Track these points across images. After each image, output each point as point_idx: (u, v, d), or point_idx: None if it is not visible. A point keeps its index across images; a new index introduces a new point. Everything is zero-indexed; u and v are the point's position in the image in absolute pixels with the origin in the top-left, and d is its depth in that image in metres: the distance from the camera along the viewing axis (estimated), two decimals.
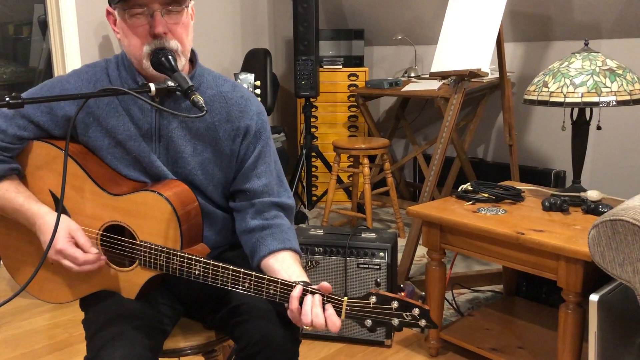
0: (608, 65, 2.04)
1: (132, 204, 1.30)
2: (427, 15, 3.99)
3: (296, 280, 1.25)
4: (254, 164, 1.41)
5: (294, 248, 1.37)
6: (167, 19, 1.28)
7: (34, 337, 2.49)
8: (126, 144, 1.35)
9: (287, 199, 1.44)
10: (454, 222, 2.06)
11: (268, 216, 1.39)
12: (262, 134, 1.42)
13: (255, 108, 1.43)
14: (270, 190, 1.41)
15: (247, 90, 1.46)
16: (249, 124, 1.40)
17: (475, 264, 3.09)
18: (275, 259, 1.33)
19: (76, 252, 1.26)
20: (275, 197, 1.41)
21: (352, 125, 4.29)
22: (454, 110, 2.77)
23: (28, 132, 1.35)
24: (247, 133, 1.40)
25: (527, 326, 2.32)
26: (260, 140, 1.42)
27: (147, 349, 1.21)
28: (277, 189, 1.43)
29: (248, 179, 1.41)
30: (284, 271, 1.29)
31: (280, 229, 1.38)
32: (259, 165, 1.41)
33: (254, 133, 1.41)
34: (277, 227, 1.38)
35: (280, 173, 1.46)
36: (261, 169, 1.41)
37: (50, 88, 1.37)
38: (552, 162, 3.63)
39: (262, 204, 1.40)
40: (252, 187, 1.40)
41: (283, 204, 1.42)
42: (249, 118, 1.40)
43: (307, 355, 2.30)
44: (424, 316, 1.13)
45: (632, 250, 1.38)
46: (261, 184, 1.40)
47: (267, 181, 1.41)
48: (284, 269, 1.30)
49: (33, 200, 1.33)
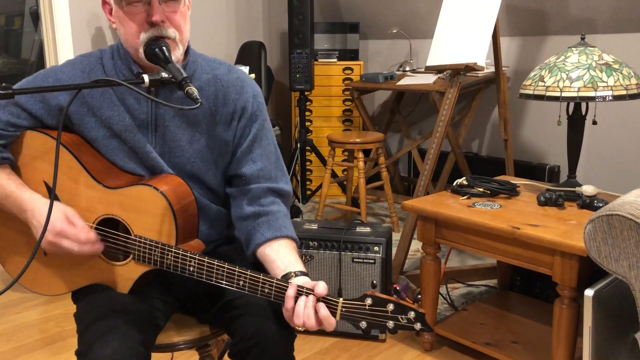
0: (604, 60, 2.03)
1: (127, 198, 1.28)
2: (422, 8, 3.97)
3: (292, 270, 1.24)
4: (250, 147, 1.38)
5: (290, 235, 1.35)
6: (165, 7, 1.27)
7: (25, 331, 2.47)
8: (122, 134, 1.33)
9: (284, 185, 1.41)
10: (449, 216, 2.05)
11: (264, 202, 1.37)
12: (258, 117, 1.40)
13: (252, 90, 1.40)
14: (266, 175, 1.39)
15: (243, 72, 1.44)
16: (245, 104, 1.38)
17: (470, 258, 3.09)
18: (271, 248, 1.31)
19: (77, 230, 1.24)
20: (272, 182, 1.39)
21: (346, 119, 4.28)
22: (449, 105, 2.76)
23: (21, 119, 1.33)
24: (243, 114, 1.38)
25: (521, 321, 2.33)
26: (256, 122, 1.39)
27: (139, 344, 1.20)
28: (275, 173, 1.40)
29: (243, 163, 1.38)
30: (279, 260, 1.28)
31: (276, 216, 1.36)
32: (255, 148, 1.39)
33: (249, 115, 1.38)
34: (272, 214, 1.36)
35: (278, 157, 1.43)
36: (257, 152, 1.39)
37: (43, 77, 1.35)
38: (547, 157, 3.63)
39: (258, 190, 1.37)
40: (247, 171, 1.38)
41: (280, 190, 1.40)
42: (244, 99, 1.38)
43: (301, 349, 2.29)
44: (420, 319, 1.12)
45: (627, 245, 1.37)
46: (256, 168, 1.38)
47: (262, 165, 1.39)
48: (279, 258, 1.28)
49: (25, 188, 1.32)
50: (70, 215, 1.27)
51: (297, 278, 1.23)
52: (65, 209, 1.27)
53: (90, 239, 1.26)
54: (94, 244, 1.27)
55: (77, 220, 1.27)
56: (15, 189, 1.31)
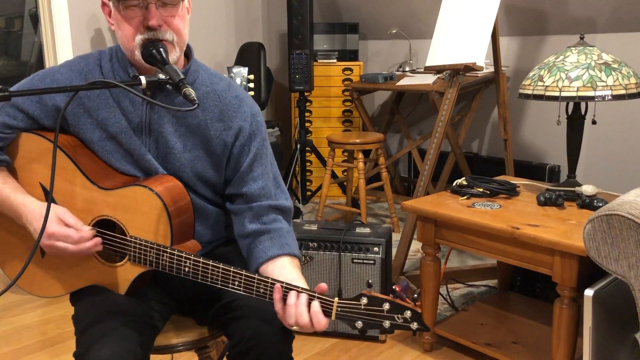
0: (604, 59, 2.03)
1: (122, 199, 1.28)
2: (422, 9, 3.97)
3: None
4: (250, 166, 1.39)
5: (293, 253, 1.35)
6: (162, 12, 1.26)
7: (25, 333, 2.47)
8: (117, 137, 1.33)
9: (285, 201, 1.42)
10: (449, 216, 2.05)
11: (266, 220, 1.37)
12: (256, 136, 1.40)
13: (250, 109, 1.40)
14: (267, 193, 1.39)
15: (242, 90, 1.43)
16: (242, 125, 1.38)
17: (470, 258, 3.09)
18: (274, 265, 1.32)
19: (69, 230, 1.24)
20: (273, 200, 1.39)
21: (346, 119, 4.27)
22: (448, 105, 2.75)
23: (18, 121, 1.33)
24: (240, 135, 1.38)
25: (521, 321, 2.32)
26: (254, 141, 1.39)
27: (137, 345, 1.20)
28: (274, 191, 1.41)
29: (244, 183, 1.39)
30: (282, 278, 1.27)
31: (279, 234, 1.36)
32: (255, 168, 1.39)
33: (247, 135, 1.38)
34: (275, 231, 1.36)
35: (276, 175, 1.44)
36: (257, 171, 1.39)
37: (41, 78, 1.35)
38: (547, 157, 3.62)
39: (260, 208, 1.38)
40: (249, 190, 1.38)
41: (281, 207, 1.40)
42: (242, 119, 1.38)
43: (301, 350, 2.29)
44: (416, 319, 1.12)
45: (627, 245, 1.37)
46: (258, 187, 1.38)
47: (263, 184, 1.39)
48: (282, 276, 1.28)
49: (20, 192, 1.32)
50: (61, 215, 1.26)
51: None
52: (56, 209, 1.26)
53: (84, 236, 1.25)
54: (89, 240, 1.25)
55: (69, 218, 1.26)
56: (10, 193, 1.31)
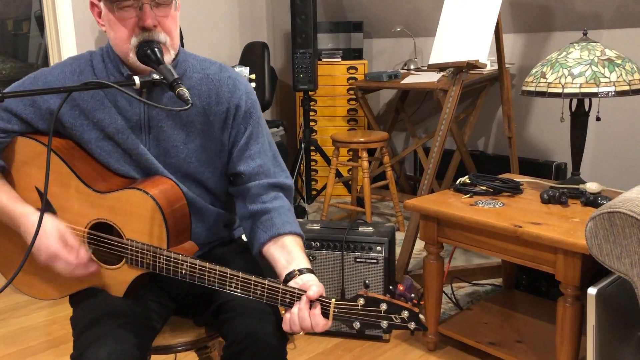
0: (607, 55, 2.01)
1: (117, 202, 1.28)
2: (426, 6, 3.95)
3: (296, 268, 1.23)
4: (246, 145, 1.38)
5: (295, 231, 1.33)
6: (156, 12, 1.26)
7: (31, 333, 2.49)
8: (114, 137, 1.33)
9: (285, 179, 1.40)
10: (451, 215, 2.03)
11: (266, 199, 1.36)
12: (252, 114, 1.39)
13: (244, 87, 1.40)
14: (265, 171, 1.38)
15: (234, 70, 1.43)
16: (238, 102, 1.37)
17: (475, 257, 3.07)
18: (276, 246, 1.31)
19: (70, 257, 1.24)
20: (272, 177, 1.38)
21: (351, 118, 4.26)
22: (452, 102, 2.74)
23: (12, 124, 1.33)
24: (237, 112, 1.37)
25: (526, 320, 2.30)
26: (250, 120, 1.39)
27: (134, 347, 1.20)
28: (273, 169, 1.40)
29: (242, 161, 1.38)
30: (283, 258, 1.27)
31: (279, 212, 1.35)
32: (252, 146, 1.38)
33: (243, 113, 1.38)
34: (275, 210, 1.35)
35: (275, 153, 1.43)
36: (254, 149, 1.38)
37: (33, 81, 1.34)
38: (554, 154, 3.59)
39: (259, 187, 1.37)
40: (246, 169, 1.37)
41: (281, 184, 1.39)
42: (238, 97, 1.37)
43: (304, 350, 2.28)
44: (413, 319, 1.11)
45: (629, 242, 1.35)
46: (255, 165, 1.37)
47: (261, 162, 1.38)
48: (283, 256, 1.28)
49: (17, 200, 1.31)
50: (63, 233, 1.26)
51: (302, 276, 1.22)
52: (59, 226, 1.26)
53: (81, 263, 1.26)
54: (85, 266, 1.27)
55: (69, 236, 1.26)
56: (7, 202, 1.31)
